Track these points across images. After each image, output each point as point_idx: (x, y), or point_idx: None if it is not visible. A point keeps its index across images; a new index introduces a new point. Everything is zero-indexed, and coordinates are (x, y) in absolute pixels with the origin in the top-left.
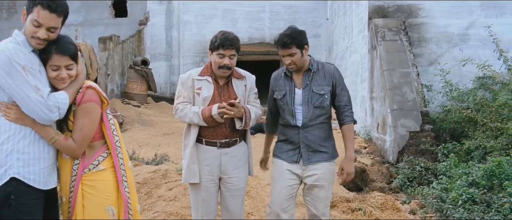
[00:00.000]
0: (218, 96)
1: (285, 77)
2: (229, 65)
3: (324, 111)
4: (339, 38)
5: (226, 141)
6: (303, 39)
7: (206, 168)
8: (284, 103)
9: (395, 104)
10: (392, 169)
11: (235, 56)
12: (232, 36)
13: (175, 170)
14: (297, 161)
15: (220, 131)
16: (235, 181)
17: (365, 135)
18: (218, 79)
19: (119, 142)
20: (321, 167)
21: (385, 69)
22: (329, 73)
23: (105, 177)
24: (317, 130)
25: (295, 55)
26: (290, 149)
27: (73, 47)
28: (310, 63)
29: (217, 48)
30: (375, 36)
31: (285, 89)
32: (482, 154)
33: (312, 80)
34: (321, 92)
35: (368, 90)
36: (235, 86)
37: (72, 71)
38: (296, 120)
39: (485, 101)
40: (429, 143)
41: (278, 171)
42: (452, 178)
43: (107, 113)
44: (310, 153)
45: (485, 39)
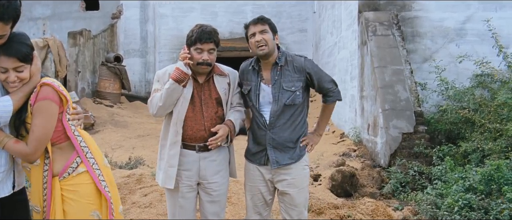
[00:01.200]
0: (197, 95)
1: (253, 70)
2: (209, 61)
3: (295, 109)
4: (327, 33)
5: (205, 145)
6: (276, 27)
7: (184, 172)
8: (250, 100)
9: (387, 103)
10: (383, 173)
11: (214, 50)
12: (210, 28)
13: (150, 174)
14: (265, 163)
15: (199, 134)
16: (215, 186)
17: (355, 137)
18: (198, 76)
19: (83, 141)
20: (291, 172)
21: (376, 66)
22: (299, 67)
23: (87, 179)
24: (287, 131)
25: (267, 33)
26: (258, 151)
27: (24, 48)
28: (278, 56)
29: (194, 42)
30: (365, 31)
31: (251, 84)
32: (480, 157)
33: (282, 76)
34: (292, 88)
35: (358, 89)
36: (217, 83)
37: (23, 73)
38: (263, 119)
39: (483, 100)
40: (423, 145)
41: (248, 176)
42: (448, 183)
43: (66, 112)
44: (277, 156)
45: (483, 34)
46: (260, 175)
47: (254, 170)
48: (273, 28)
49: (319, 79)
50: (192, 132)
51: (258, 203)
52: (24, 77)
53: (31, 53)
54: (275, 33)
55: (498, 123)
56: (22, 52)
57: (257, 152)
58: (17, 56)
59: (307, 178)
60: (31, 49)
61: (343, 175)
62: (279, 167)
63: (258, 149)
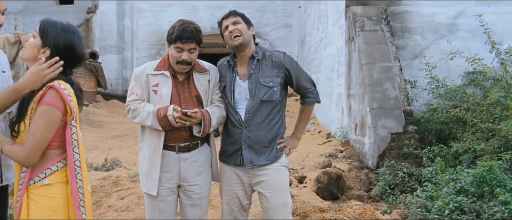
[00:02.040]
0: (176, 94)
1: (228, 66)
2: (189, 60)
3: (273, 106)
4: (313, 28)
5: (185, 145)
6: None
7: (164, 174)
8: (225, 97)
9: (375, 102)
10: (371, 175)
11: (195, 50)
12: (192, 27)
13: (127, 176)
14: (241, 164)
15: (179, 134)
16: (196, 189)
17: (342, 137)
18: (177, 74)
19: (79, 161)
20: (267, 173)
21: (364, 63)
22: (278, 62)
23: (50, 193)
24: (264, 130)
25: (240, 24)
26: (233, 151)
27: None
28: (255, 50)
29: (174, 40)
30: (353, 26)
31: (226, 80)
32: (471, 158)
33: (259, 70)
34: (270, 84)
35: (345, 87)
36: (197, 81)
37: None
38: (238, 116)
39: (475, 99)
40: (413, 146)
41: (224, 179)
42: (438, 185)
43: (72, 124)
44: (252, 156)
45: (475, 30)
46: (237, 178)
47: (230, 173)
48: (246, 20)
49: (297, 76)
50: (171, 132)
51: (234, 208)
52: (28, 44)
53: (47, 35)
54: (250, 25)
55: (490, 123)
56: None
57: (232, 152)
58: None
59: (286, 180)
60: (51, 32)
61: (329, 177)
62: (254, 168)
63: (233, 149)
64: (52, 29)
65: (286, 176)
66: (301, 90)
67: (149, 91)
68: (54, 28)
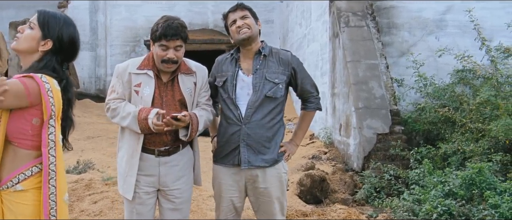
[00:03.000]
0: (158, 96)
1: (231, 60)
2: (175, 59)
3: (276, 105)
4: (296, 24)
5: (165, 149)
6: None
7: (143, 177)
8: (225, 92)
9: (361, 101)
10: (356, 177)
11: (181, 47)
12: (177, 23)
13: (101, 179)
14: (238, 163)
15: (159, 138)
16: (177, 193)
17: (326, 138)
18: (161, 74)
19: (54, 165)
20: (265, 179)
21: (349, 60)
22: (286, 60)
23: (24, 200)
24: (264, 128)
25: (248, 18)
26: (230, 150)
27: None
28: (261, 46)
29: (159, 38)
30: (337, 22)
31: (227, 74)
32: (460, 159)
33: (265, 66)
34: (276, 80)
35: (329, 85)
36: (182, 83)
37: None
38: (238, 112)
39: (464, 98)
40: (399, 147)
41: (218, 182)
42: (426, 187)
43: (50, 124)
44: (250, 156)
45: (465, 26)
46: (233, 181)
47: (226, 177)
48: (254, 14)
49: (303, 79)
50: (151, 136)
51: (229, 215)
52: (25, 36)
53: (50, 26)
54: (257, 19)
55: (480, 123)
56: None
57: (230, 152)
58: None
59: (284, 189)
60: (54, 24)
61: (313, 180)
62: (251, 169)
63: (230, 148)
64: (54, 21)
65: (284, 184)
66: (304, 94)
67: (131, 90)
68: (56, 20)
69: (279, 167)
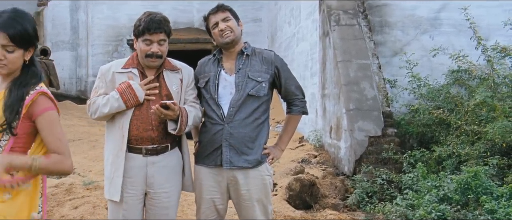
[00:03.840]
0: None
1: (214, 61)
2: (159, 53)
3: (259, 104)
4: (284, 22)
5: (153, 147)
6: (236, 14)
7: (129, 179)
8: (207, 92)
9: (352, 103)
10: (347, 182)
11: (165, 42)
12: (160, 16)
13: (82, 184)
14: (220, 164)
15: (146, 134)
16: (164, 197)
17: (316, 141)
18: (147, 71)
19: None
20: (247, 182)
21: (340, 60)
22: (269, 60)
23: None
24: (248, 127)
25: (230, 20)
26: (212, 150)
27: (19, 27)
28: (244, 46)
29: (142, 33)
30: (327, 20)
31: (209, 74)
32: (455, 163)
33: (248, 65)
34: (258, 78)
35: (319, 86)
36: (168, 80)
37: (13, 54)
38: (221, 111)
39: (459, 99)
40: (392, 150)
41: (199, 183)
42: (420, 192)
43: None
44: (233, 156)
45: (460, 25)
46: (215, 182)
47: (208, 178)
48: (235, 15)
49: (286, 79)
50: (137, 132)
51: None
52: (11, 61)
53: (30, 38)
54: (238, 19)
55: (476, 125)
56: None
57: (212, 151)
58: (7, 32)
59: (267, 191)
60: (30, 33)
61: (302, 184)
62: (233, 169)
63: (212, 148)
64: (23, 29)
65: (268, 187)
66: (288, 96)
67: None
68: (23, 27)
69: (263, 169)
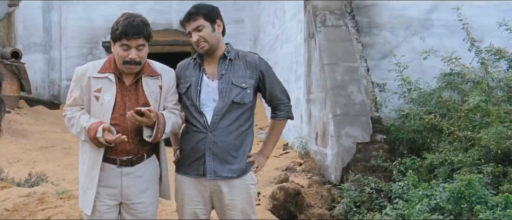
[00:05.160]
0: (120, 101)
1: (194, 65)
2: (137, 59)
3: (244, 111)
4: (268, 23)
5: (128, 158)
6: (214, 12)
7: (103, 190)
8: (188, 99)
9: (339, 108)
10: (334, 191)
11: (144, 46)
12: (139, 20)
13: (54, 193)
14: (203, 174)
15: (121, 146)
16: (140, 207)
17: (301, 148)
18: (124, 77)
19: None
20: (231, 191)
21: (326, 63)
22: (253, 64)
23: None
24: (231, 135)
25: (203, 29)
26: (194, 159)
27: None
28: (227, 49)
29: (119, 37)
30: (313, 21)
31: (191, 80)
32: (448, 171)
33: (232, 70)
34: (243, 85)
35: (304, 90)
36: (146, 87)
37: None
38: (204, 119)
39: (452, 104)
40: (381, 157)
41: (180, 193)
42: (411, 201)
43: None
44: (216, 165)
45: (452, 25)
46: (197, 192)
47: (190, 187)
48: (209, 17)
49: (271, 83)
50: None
51: None
52: None
53: None
54: (214, 20)
55: (469, 131)
56: None
57: (194, 160)
58: None
59: (252, 201)
60: None
61: (286, 193)
62: (216, 179)
63: (195, 157)
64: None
65: (252, 197)
66: (273, 101)
67: (90, 96)
68: None
69: (247, 178)
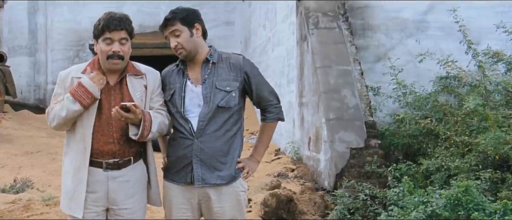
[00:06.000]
0: (105, 100)
1: (178, 71)
2: (120, 53)
3: (230, 115)
4: (259, 26)
5: (114, 161)
6: (192, 16)
7: (89, 195)
8: (173, 106)
9: (332, 112)
10: (327, 197)
11: (127, 41)
12: (120, 15)
13: (40, 199)
14: (191, 182)
15: (106, 148)
16: (127, 213)
17: (293, 153)
18: (108, 76)
19: None
20: (221, 198)
21: (319, 66)
22: (237, 65)
23: None
24: (219, 141)
25: (180, 35)
26: (182, 166)
27: None
28: (209, 53)
29: (101, 32)
30: (305, 23)
31: (175, 86)
32: (444, 177)
33: (215, 74)
34: (227, 88)
35: (297, 94)
36: (131, 86)
37: None
38: (189, 126)
39: (448, 108)
40: (376, 163)
41: (168, 200)
42: (406, 208)
43: None
44: (204, 172)
45: (449, 27)
46: (186, 200)
47: (178, 195)
48: (186, 21)
49: (258, 84)
50: (98, 145)
51: None
52: None
53: None
54: (192, 24)
55: (466, 136)
56: None
57: (181, 168)
58: None
59: (242, 209)
60: None
61: (279, 200)
62: (205, 187)
63: (182, 164)
64: None
65: (243, 204)
66: (261, 103)
67: None
68: None
69: (237, 185)
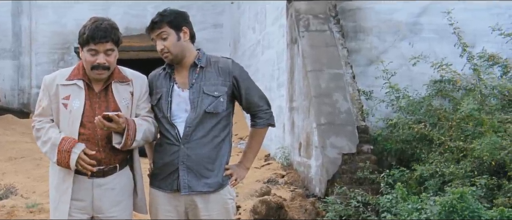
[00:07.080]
0: (90, 108)
1: (165, 75)
2: (106, 64)
3: (218, 120)
4: (248, 28)
5: (99, 169)
6: (180, 19)
7: (74, 202)
8: (160, 111)
9: (323, 116)
10: (319, 204)
11: (113, 51)
12: (107, 24)
13: (24, 206)
14: (177, 189)
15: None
16: None
17: (283, 159)
18: (93, 83)
19: None
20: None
21: (310, 69)
22: (226, 69)
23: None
24: (206, 147)
25: (167, 38)
26: (168, 173)
27: None
28: (197, 57)
29: (86, 42)
30: (296, 25)
31: (162, 90)
32: (439, 183)
33: (203, 78)
34: (215, 93)
35: (287, 99)
36: (117, 93)
37: None
38: (176, 131)
39: (443, 112)
40: (368, 169)
41: (155, 209)
42: (399, 215)
43: None
44: (191, 180)
45: (443, 30)
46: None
47: (164, 203)
48: (174, 24)
49: (247, 89)
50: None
51: None
52: None
53: None
54: (180, 27)
55: (461, 141)
56: None
57: (167, 175)
58: None
59: (230, 216)
60: None
61: (268, 207)
62: (191, 194)
63: (168, 171)
64: None
65: (231, 212)
66: (251, 108)
67: (59, 104)
68: None
69: (225, 192)
